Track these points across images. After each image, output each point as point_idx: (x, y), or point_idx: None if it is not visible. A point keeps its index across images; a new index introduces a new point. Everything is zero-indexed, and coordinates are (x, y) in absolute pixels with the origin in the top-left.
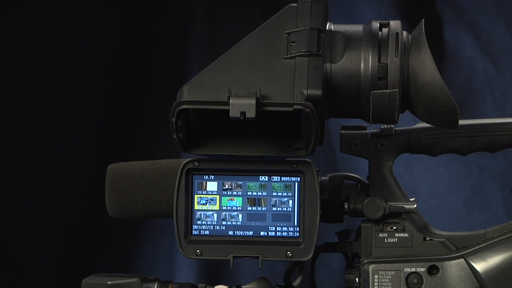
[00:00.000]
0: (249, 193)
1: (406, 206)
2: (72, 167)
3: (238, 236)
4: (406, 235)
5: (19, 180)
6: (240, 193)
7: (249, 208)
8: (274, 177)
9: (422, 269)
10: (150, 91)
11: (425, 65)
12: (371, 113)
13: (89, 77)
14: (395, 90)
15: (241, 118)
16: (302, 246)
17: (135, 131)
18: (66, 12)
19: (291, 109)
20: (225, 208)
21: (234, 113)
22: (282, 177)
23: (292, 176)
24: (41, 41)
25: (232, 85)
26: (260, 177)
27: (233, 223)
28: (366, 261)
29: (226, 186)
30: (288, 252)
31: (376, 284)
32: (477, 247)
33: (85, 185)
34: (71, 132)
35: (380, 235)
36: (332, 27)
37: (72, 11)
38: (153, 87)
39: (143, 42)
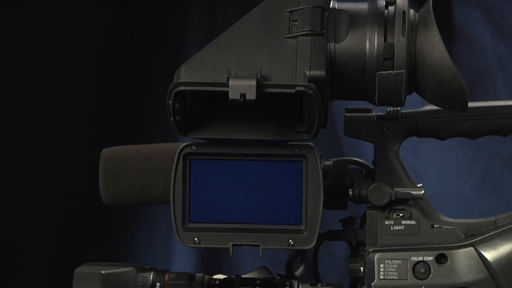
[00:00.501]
0: (249, 178)
1: (413, 192)
2: (65, 152)
3: (238, 223)
4: (413, 222)
5: (11, 168)
6: (239, 178)
7: (249, 194)
8: (275, 161)
9: (430, 258)
10: (147, 73)
11: (433, 44)
12: (376, 95)
13: (83, 60)
14: (401, 71)
15: (241, 100)
16: (305, 234)
17: (131, 114)
18: None
19: (293, 90)
20: (224, 194)
21: (233, 95)
22: (284, 162)
23: (294, 161)
24: (36, 25)
25: (232, 66)
26: (260, 161)
27: (232, 209)
28: (371, 250)
29: (225, 171)
30: (290, 240)
31: (381, 273)
32: (487, 235)
33: (78, 171)
34: (64, 116)
35: (386, 222)
36: (336, 5)
37: None
38: (150, 68)
39: (139, 23)
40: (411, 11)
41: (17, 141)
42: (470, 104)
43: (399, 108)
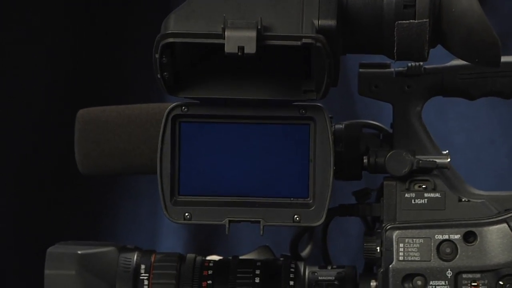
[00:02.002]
0: (248, 145)
1: (437, 160)
2: (34, 114)
3: (235, 196)
4: (437, 195)
5: None
6: (237, 144)
7: (248, 163)
8: (278, 125)
9: (457, 236)
10: (130, 22)
11: None
12: (395, 48)
13: (56, 9)
14: (424, 20)
15: (239, 54)
16: (312, 208)
17: (111, 69)
18: None
19: (299, 43)
20: (219, 162)
21: (230, 48)
22: (288, 125)
23: (300, 124)
24: None
25: (228, 14)
26: (261, 125)
27: (229, 180)
28: (389, 227)
29: (220, 136)
30: (296, 216)
31: (401, 254)
32: None
33: (50, 135)
34: (32, 71)
35: (406, 195)
36: None
37: None
38: (133, 17)
39: None
40: None
41: None
42: (503, 59)
43: (421, 63)
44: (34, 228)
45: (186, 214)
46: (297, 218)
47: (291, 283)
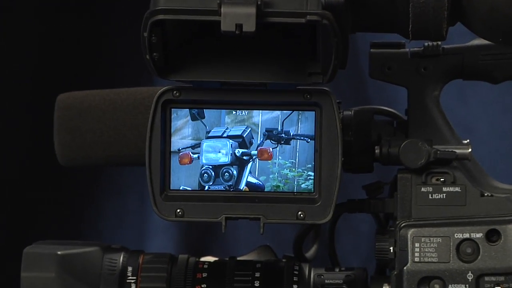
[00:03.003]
0: (247, 133)
1: (457, 151)
2: (9, 99)
3: (233, 191)
4: (457, 189)
5: None
6: (234, 133)
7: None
8: (280, 111)
9: (479, 235)
10: None
11: None
12: (410, 26)
13: None
14: None
15: (237, 32)
16: (318, 204)
17: (95, 50)
18: None
19: (303, 20)
20: (214, 153)
21: (227, 25)
22: (292, 111)
23: (304, 110)
24: None
25: None
26: (261, 111)
27: (225, 173)
28: (403, 224)
29: (216, 124)
30: (300, 213)
31: (417, 254)
32: None
33: (27, 123)
34: (8, 52)
35: (423, 189)
36: None
37: None
38: None
39: None
40: None
41: None
42: None
43: (439, 43)
44: (8, 225)
45: (178, 210)
46: (301, 215)
47: (295, 286)
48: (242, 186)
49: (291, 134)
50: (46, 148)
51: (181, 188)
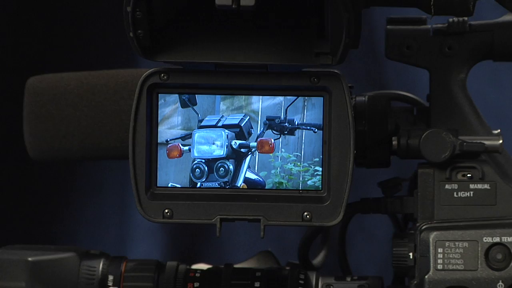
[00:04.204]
0: (245, 122)
1: (487, 142)
2: None
3: (229, 188)
4: (486, 186)
5: None
6: (230, 121)
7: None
8: (283, 97)
9: (511, 239)
10: None
11: None
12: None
13: None
14: None
15: (233, 6)
16: (327, 203)
17: (69, 25)
18: None
19: None
20: (207, 145)
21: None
22: (296, 97)
23: (311, 96)
24: None
25: None
26: (261, 97)
27: (220, 168)
28: (425, 227)
29: (210, 112)
30: (305, 213)
31: (440, 261)
32: None
33: None
34: None
35: (447, 186)
36: None
37: None
38: None
39: None
40: None
41: None
42: None
43: (466, 19)
44: None
45: (166, 210)
46: (308, 216)
47: None
48: (240, 183)
49: (296, 123)
50: (14, 139)
51: (169, 185)
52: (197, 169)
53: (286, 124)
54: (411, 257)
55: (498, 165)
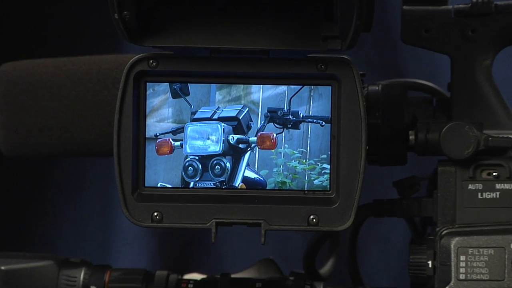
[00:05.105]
0: (244, 114)
1: None
2: None
3: (225, 189)
4: None
5: None
6: (227, 114)
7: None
8: (286, 86)
9: None
10: None
11: None
12: None
13: None
14: None
15: None
16: (336, 205)
17: (47, 5)
18: None
19: None
20: (202, 140)
21: None
22: (301, 86)
23: (318, 85)
24: None
25: None
26: (262, 86)
27: (216, 166)
28: (445, 232)
29: (204, 103)
30: (312, 217)
31: (462, 270)
32: None
33: None
34: None
35: (471, 186)
36: None
37: None
38: None
39: None
40: None
41: None
42: None
43: None
44: None
45: (155, 213)
46: (314, 220)
47: None
48: (238, 182)
49: (301, 116)
50: None
51: (159, 185)
52: (190, 167)
53: (290, 116)
54: (430, 265)
55: None
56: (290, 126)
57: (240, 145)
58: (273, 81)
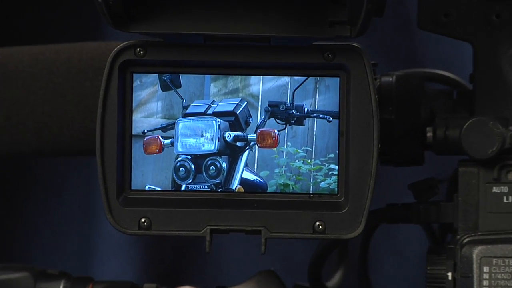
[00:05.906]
0: (241, 109)
1: None
2: None
3: (221, 192)
4: None
5: None
6: (223, 108)
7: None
8: (289, 77)
9: None
10: None
11: None
12: None
13: None
14: None
15: None
16: (344, 210)
17: None
18: None
19: None
20: (195, 137)
21: None
22: (306, 78)
23: (325, 75)
24: None
25: None
26: (262, 77)
27: (211, 166)
28: (467, 240)
29: (198, 96)
30: (318, 223)
31: (486, 282)
32: None
33: None
34: None
35: (495, 189)
36: None
37: None
38: None
39: None
40: None
41: None
42: None
43: None
44: None
45: (143, 219)
46: (320, 227)
47: None
48: (235, 185)
49: (306, 110)
50: None
51: (147, 188)
52: (181, 168)
53: (293, 111)
54: (449, 277)
55: None
56: (293, 122)
57: (238, 143)
58: (275, 72)
